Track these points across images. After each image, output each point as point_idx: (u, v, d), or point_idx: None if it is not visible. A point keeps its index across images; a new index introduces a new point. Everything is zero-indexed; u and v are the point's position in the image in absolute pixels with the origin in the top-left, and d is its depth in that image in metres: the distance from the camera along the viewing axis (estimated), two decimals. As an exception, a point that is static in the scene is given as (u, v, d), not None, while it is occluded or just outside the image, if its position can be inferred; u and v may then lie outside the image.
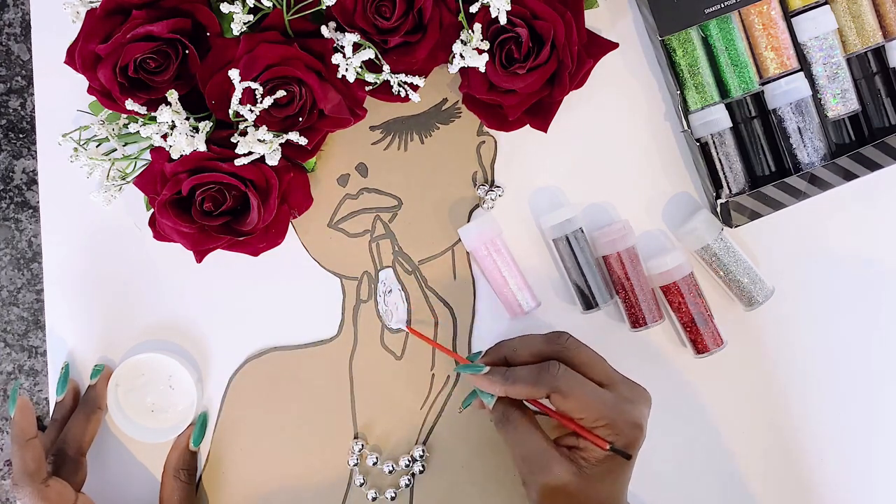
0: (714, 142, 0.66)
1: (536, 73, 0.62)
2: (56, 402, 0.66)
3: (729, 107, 0.66)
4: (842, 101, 0.65)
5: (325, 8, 0.61)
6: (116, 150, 0.65)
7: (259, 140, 0.61)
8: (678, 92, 0.66)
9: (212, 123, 0.62)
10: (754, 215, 0.65)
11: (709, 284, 0.68)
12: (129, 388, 0.67)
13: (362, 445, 0.68)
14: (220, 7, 0.60)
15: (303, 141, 0.62)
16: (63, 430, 0.65)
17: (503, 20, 0.61)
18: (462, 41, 0.62)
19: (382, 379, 0.69)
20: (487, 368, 0.60)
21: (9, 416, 0.61)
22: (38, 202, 0.69)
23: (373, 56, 0.62)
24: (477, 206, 0.69)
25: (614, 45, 0.65)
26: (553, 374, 0.58)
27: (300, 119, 0.62)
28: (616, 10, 0.68)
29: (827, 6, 0.65)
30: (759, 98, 0.67)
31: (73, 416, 0.65)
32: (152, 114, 0.61)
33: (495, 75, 0.63)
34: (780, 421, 0.69)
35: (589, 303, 0.67)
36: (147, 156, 0.65)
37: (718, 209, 0.66)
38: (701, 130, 0.66)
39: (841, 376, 0.69)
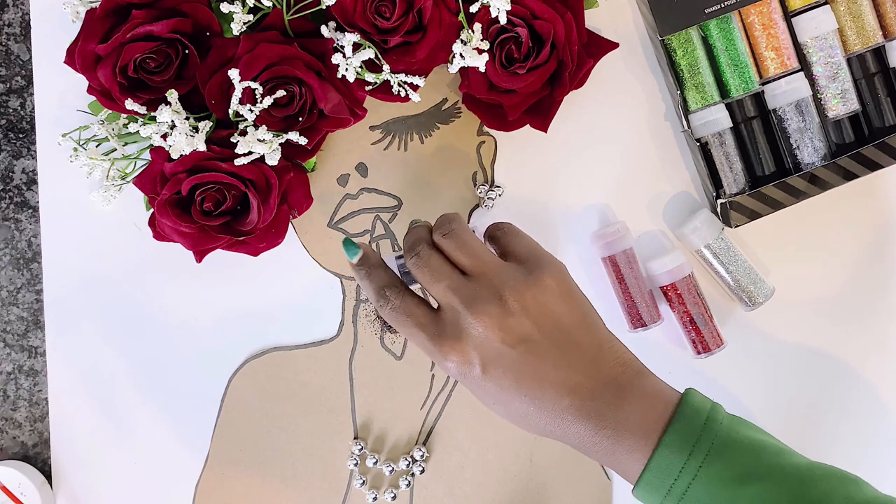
0: (714, 142, 0.66)
1: (536, 72, 0.62)
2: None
3: (729, 107, 0.66)
4: (842, 100, 0.65)
5: (325, 8, 0.61)
6: (116, 150, 0.65)
7: (259, 140, 0.61)
8: (678, 92, 0.66)
9: (212, 123, 0.62)
10: (754, 215, 0.65)
11: (709, 284, 0.68)
12: None
13: (362, 446, 0.68)
14: (220, 7, 0.60)
15: (303, 141, 0.62)
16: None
17: (503, 20, 0.61)
18: (462, 41, 0.62)
19: (382, 379, 0.69)
20: (360, 254, 0.55)
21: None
22: (37, 202, 0.69)
23: (373, 56, 0.62)
24: (477, 206, 0.69)
25: (614, 45, 0.65)
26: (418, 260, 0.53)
27: (300, 119, 0.62)
28: (616, 10, 0.68)
29: (827, 6, 0.65)
30: (759, 98, 0.67)
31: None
32: (152, 114, 0.61)
33: (495, 75, 0.63)
34: (781, 421, 0.69)
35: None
36: (147, 156, 0.65)
37: (718, 209, 0.66)
38: (701, 130, 0.66)
39: (842, 376, 0.69)
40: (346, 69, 0.61)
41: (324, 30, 0.62)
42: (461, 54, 0.62)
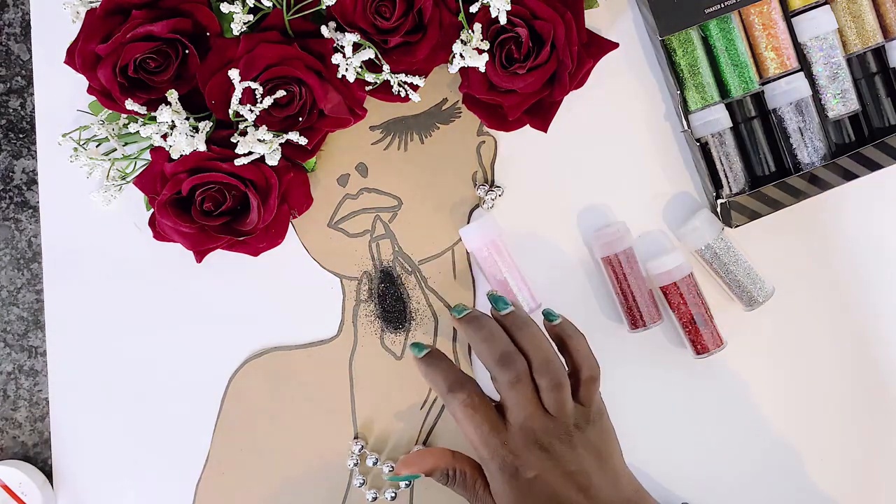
0: (714, 142, 0.66)
1: (536, 73, 0.62)
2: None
3: (729, 107, 0.66)
4: (842, 101, 0.65)
5: (325, 8, 0.61)
6: (116, 150, 0.65)
7: (259, 140, 0.61)
8: (678, 92, 0.66)
9: (212, 123, 0.62)
10: (754, 215, 0.65)
11: (709, 284, 0.68)
12: None
13: (362, 446, 0.68)
14: (220, 7, 0.60)
15: (303, 141, 0.62)
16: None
17: (503, 20, 0.61)
18: (462, 41, 0.62)
19: (382, 379, 0.69)
20: (426, 351, 0.61)
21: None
22: (37, 202, 0.69)
23: (373, 56, 0.62)
24: (477, 206, 0.69)
25: (614, 45, 0.65)
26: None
27: (300, 119, 0.62)
28: (616, 10, 0.68)
29: (827, 6, 0.65)
30: (759, 98, 0.67)
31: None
32: (152, 114, 0.61)
33: (495, 75, 0.63)
34: (781, 421, 0.69)
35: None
36: (147, 156, 0.65)
37: (718, 209, 0.66)
38: (701, 130, 0.66)
39: (841, 376, 0.69)
40: (346, 69, 0.61)
41: (324, 30, 0.62)
42: (461, 54, 0.62)
